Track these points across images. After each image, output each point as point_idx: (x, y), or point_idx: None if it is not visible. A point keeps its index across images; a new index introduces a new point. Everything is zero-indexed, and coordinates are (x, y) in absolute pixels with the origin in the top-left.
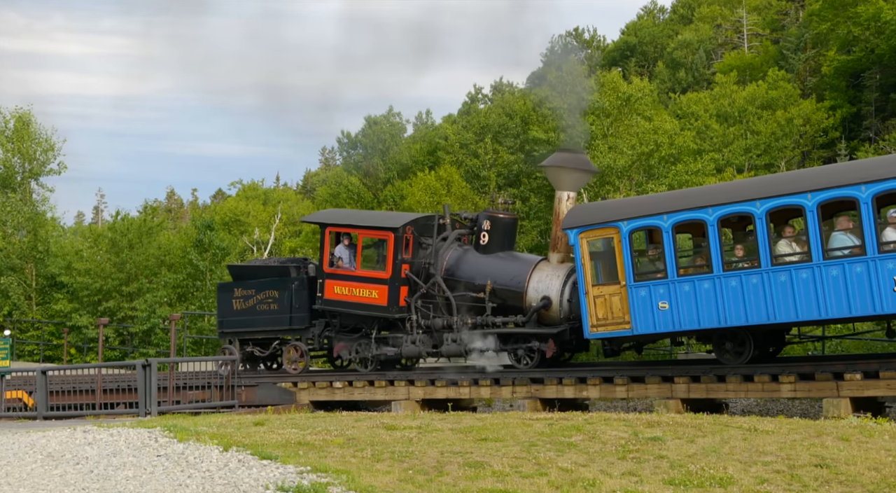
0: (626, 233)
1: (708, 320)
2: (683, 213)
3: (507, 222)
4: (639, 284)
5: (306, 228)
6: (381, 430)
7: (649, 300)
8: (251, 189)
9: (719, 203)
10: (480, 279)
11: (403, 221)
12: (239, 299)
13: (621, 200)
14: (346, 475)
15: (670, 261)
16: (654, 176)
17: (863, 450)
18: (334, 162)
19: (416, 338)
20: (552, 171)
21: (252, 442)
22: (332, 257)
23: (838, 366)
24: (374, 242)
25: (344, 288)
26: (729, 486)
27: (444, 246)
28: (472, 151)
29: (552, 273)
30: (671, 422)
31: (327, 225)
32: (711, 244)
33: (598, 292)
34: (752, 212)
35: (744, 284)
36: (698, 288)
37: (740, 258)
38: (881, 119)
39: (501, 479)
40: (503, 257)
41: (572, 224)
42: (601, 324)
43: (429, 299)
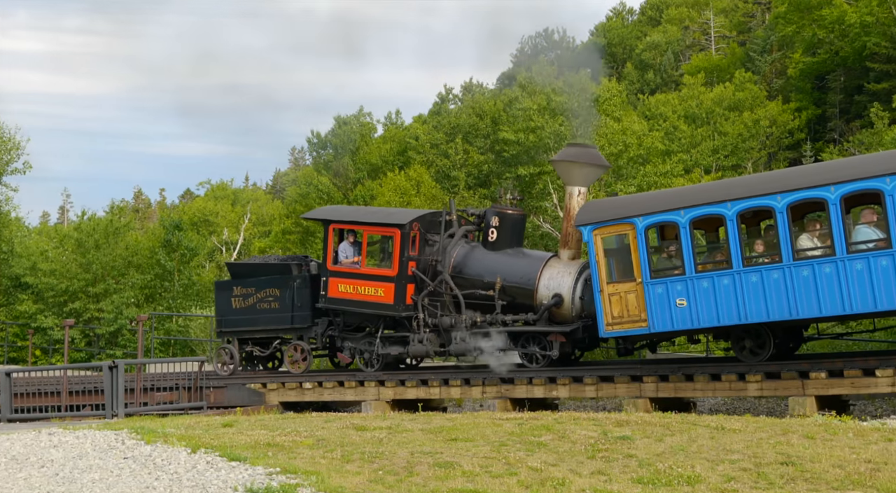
0: (641, 229)
1: (728, 317)
2: (701, 208)
3: (516, 218)
4: (655, 281)
5: (276, 227)
6: (351, 431)
7: (666, 297)
8: (220, 189)
9: (739, 197)
10: (489, 277)
11: (410, 217)
12: (238, 298)
13: (637, 196)
14: (315, 475)
15: (688, 257)
16: (622, 177)
17: (827, 448)
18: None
19: (423, 337)
20: (562, 165)
21: (221, 444)
22: (335, 255)
23: (804, 365)
24: (379, 238)
25: (348, 286)
26: (697, 484)
27: (451, 243)
28: (443, 152)
29: (563, 270)
30: (640, 421)
31: (331, 222)
32: (731, 239)
33: (612, 289)
34: (772, 206)
35: (765, 279)
36: (717, 284)
37: (760, 253)
38: (845, 121)
39: (471, 479)
40: (512, 253)
41: (586, 221)
42: (617, 322)
43: (436, 297)
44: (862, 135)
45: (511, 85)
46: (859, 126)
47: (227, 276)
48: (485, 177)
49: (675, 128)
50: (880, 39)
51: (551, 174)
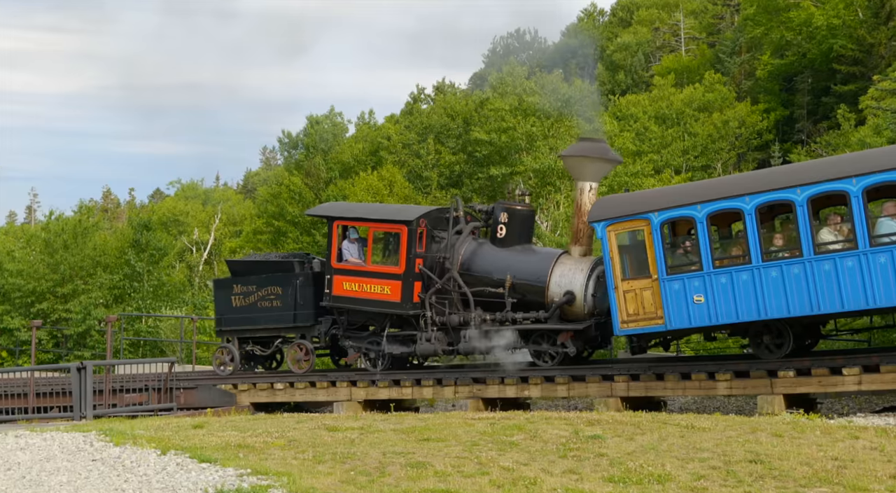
0: (657, 225)
1: (747, 313)
2: (719, 202)
3: (525, 215)
4: (672, 277)
5: (247, 227)
6: (322, 431)
7: (683, 294)
8: (190, 189)
9: (757, 191)
10: (499, 274)
11: (417, 213)
12: (238, 296)
13: (652, 191)
14: (286, 476)
15: (705, 253)
16: None
17: (795, 445)
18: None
19: (430, 335)
20: (572, 161)
21: (191, 445)
22: (339, 252)
23: (772, 364)
24: (385, 235)
25: (354, 284)
26: (667, 482)
27: (459, 240)
28: (415, 152)
29: (575, 267)
30: (611, 420)
31: (335, 218)
32: (749, 234)
33: (627, 286)
34: (792, 199)
35: (785, 274)
36: (736, 280)
37: (779, 248)
38: (812, 122)
39: (443, 479)
40: (521, 250)
41: (599, 217)
42: (632, 320)
43: (443, 294)
44: (829, 136)
45: (483, 85)
46: (826, 127)
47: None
48: (457, 177)
49: (645, 129)
50: (846, 42)
51: (523, 174)
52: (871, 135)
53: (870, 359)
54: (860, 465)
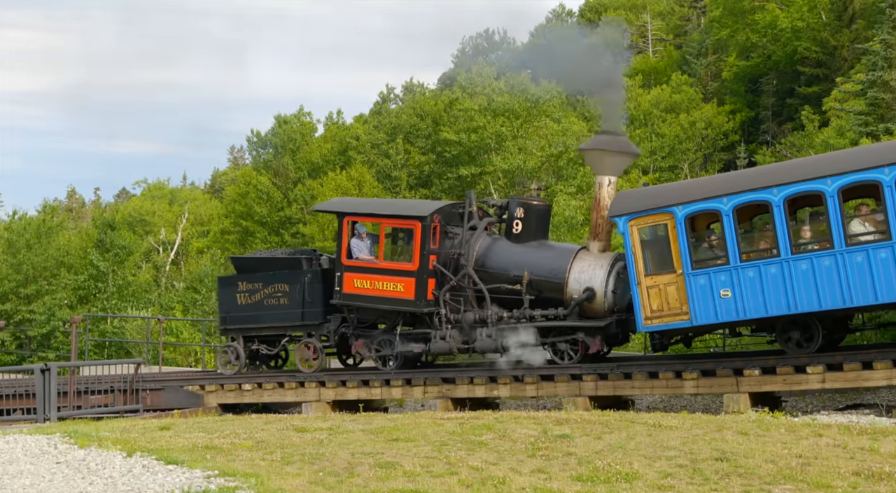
0: (681, 218)
1: (776, 307)
2: (746, 194)
3: (542, 210)
4: (697, 271)
5: (214, 227)
6: (291, 432)
7: (709, 289)
8: (157, 188)
9: (786, 182)
10: (516, 270)
11: (431, 209)
12: (244, 294)
13: (675, 184)
14: (254, 478)
15: (732, 246)
16: (562, 177)
17: (760, 443)
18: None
19: (445, 333)
20: (592, 154)
21: (157, 447)
22: (350, 249)
23: (738, 362)
24: (396, 231)
25: (365, 281)
26: (634, 481)
27: (473, 235)
28: (384, 152)
29: (594, 263)
30: (579, 419)
31: (345, 214)
32: (778, 226)
33: (651, 282)
34: (823, 190)
35: (815, 267)
36: (764, 274)
37: (809, 240)
38: (777, 123)
39: (412, 479)
40: (538, 246)
41: (621, 211)
42: (656, 316)
43: (458, 291)
44: (793, 137)
45: (452, 86)
46: (791, 128)
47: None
48: (426, 177)
49: None
50: (810, 44)
51: (492, 175)
52: (834, 136)
53: (833, 357)
54: (824, 462)
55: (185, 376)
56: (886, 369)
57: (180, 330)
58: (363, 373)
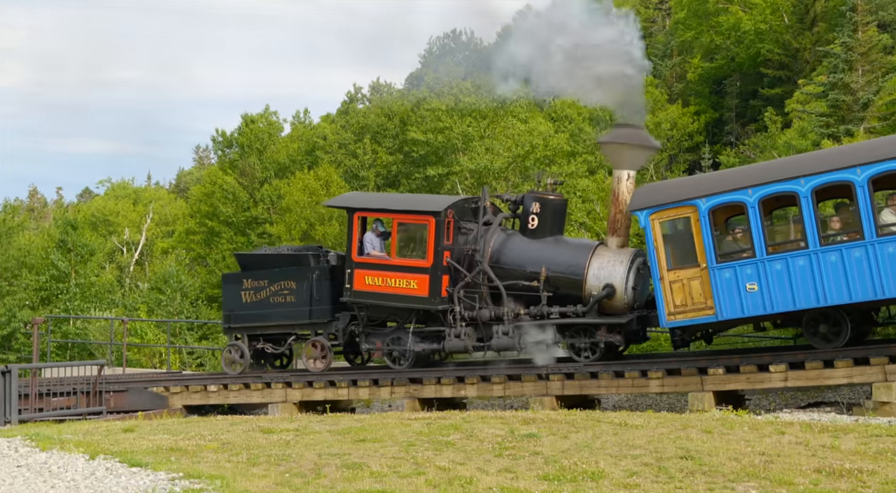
0: (704, 211)
1: (804, 300)
2: (772, 186)
3: (558, 205)
4: (722, 265)
5: (179, 227)
6: (257, 433)
7: (735, 282)
8: (121, 188)
9: (814, 173)
10: (532, 267)
11: (445, 204)
12: (249, 291)
13: (697, 177)
14: (220, 480)
15: (758, 239)
16: (529, 177)
17: (724, 441)
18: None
19: (460, 331)
20: (610, 148)
21: (121, 449)
22: (360, 245)
23: (702, 361)
24: (410, 227)
25: (377, 278)
26: (600, 479)
27: (488, 231)
28: (351, 152)
29: (614, 259)
30: (546, 419)
31: (356, 209)
32: (806, 218)
33: (674, 276)
34: (852, 180)
35: (845, 258)
36: (792, 266)
37: (837, 232)
38: (741, 124)
39: (379, 479)
40: (554, 241)
41: (642, 205)
42: (680, 311)
43: (472, 288)
44: (757, 138)
45: (419, 86)
46: (754, 130)
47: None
48: (393, 177)
49: (580, 129)
50: (773, 46)
51: (459, 175)
52: (796, 137)
53: (795, 356)
54: (786, 459)
55: (149, 377)
56: (847, 367)
57: (145, 331)
58: (330, 374)
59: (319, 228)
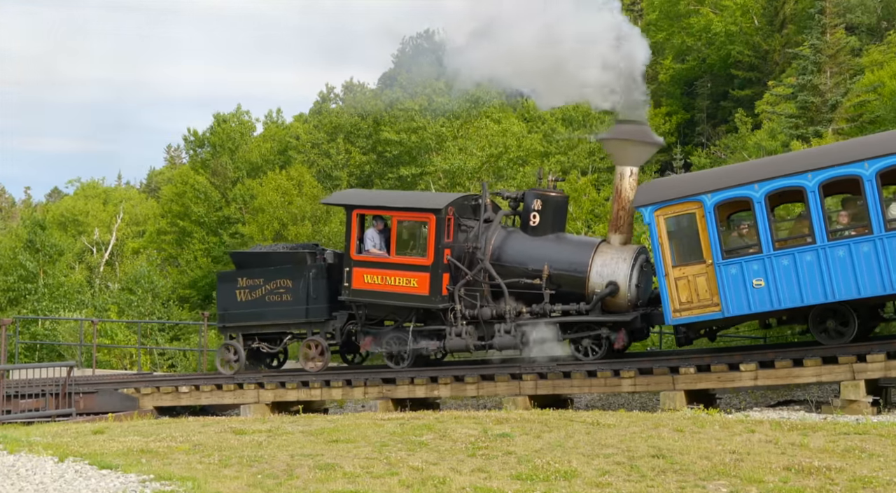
0: (710, 207)
1: (812, 296)
2: (778, 180)
3: (560, 202)
4: (728, 261)
5: (150, 227)
6: (229, 435)
7: (741, 278)
8: (90, 188)
9: (821, 167)
10: (534, 264)
11: (446, 201)
12: (244, 290)
13: (703, 172)
14: (191, 482)
15: (764, 234)
16: (503, 177)
17: (695, 440)
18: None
19: (461, 330)
20: (613, 144)
21: (90, 451)
22: (359, 243)
23: (674, 360)
24: (409, 225)
25: (376, 277)
26: (573, 479)
27: (489, 228)
28: (324, 151)
29: (617, 256)
30: (519, 418)
31: (354, 207)
32: (813, 213)
33: (679, 273)
34: (860, 174)
35: (853, 253)
36: (799, 261)
37: (845, 226)
38: (712, 125)
39: (352, 480)
40: (556, 239)
41: (647, 201)
42: (685, 308)
43: (473, 286)
44: (727, 139)
45: (392, 85)
46: (725, 130)
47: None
48: (367, 177)
49: (553, 130)
50: (744, 48)
51: (433, 175)
52: (766, 138)
53: (765, 355)
54: (756, 458)
55: (119, 378)
56: (816, 366)
57: (115, 332)
58: (303, 374)
59: (292, 228)
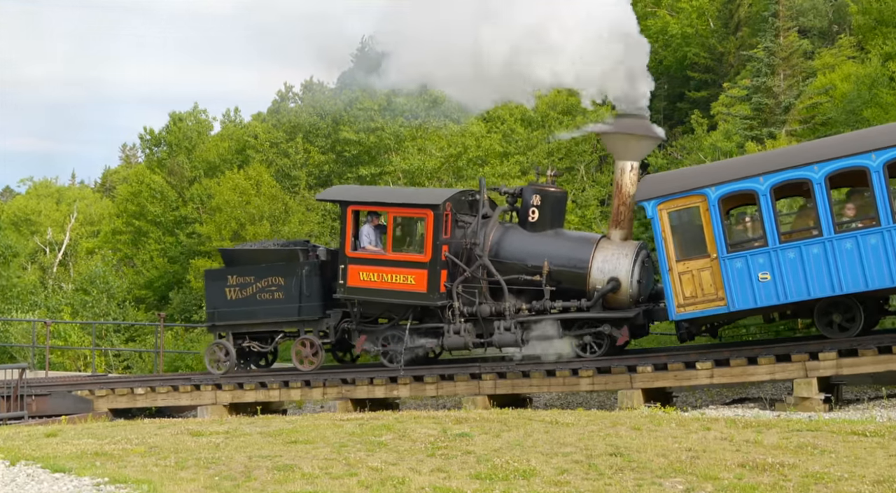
0: (714, 200)
1: (819, 289)
2: (784, 173)
3: (559, 197)
4: (733, 255)
5: (105, 227)
6: (185, 436)
7: (747, 272)
8: (43, 187)
9: (826, 159)
10: (534, 260)
11: (443, 196)
12: (234, 288)
13: (706, 166)
14: (146, 484)
15: (770, 227)
16: (462, 178)
17: (652, 438)
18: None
19: (459, 328)
20: (612, 138)
21: (43, 455)
22: (355, 240)
23: (632, 359)
24: (406, 221)
25: (372, 274)
26: (532, 478)
27: (487, 224)
28: (283, 151)
29: (618, 252)
30: (478, 418)
31: (349, 203)
32: (819, 205)
33: (683, 267)
34: (867, 166)
35: (861, 245)
36: (806, 254)
37: (852, 218)
38: (668, 127)
39: (311, 481)
40: (555, 235)
41: (649, 195)
42: (689, 303)
43: (471, 283)
44: (684, 140)
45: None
46: (681, 132)
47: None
48: (326, 177)
49: (512, 130)
50: (699, 50)
51: (392, 175)
52: (721, 139)
53: (721, 354)
54: (711, 455)
55: (73, 380)
56: (770, 364)
57: (69, 333)
58: (261, 375)
59: (250, 228)
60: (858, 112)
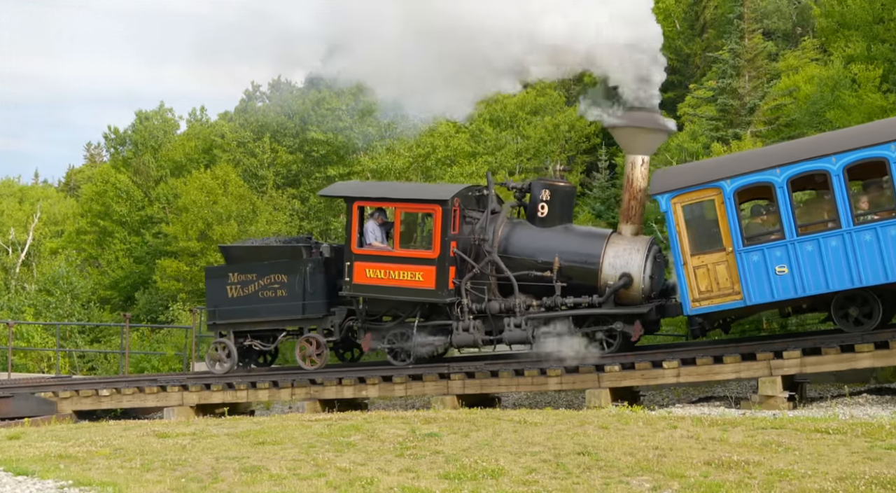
0: (729, 193)
1: (838, 282)
2: (802, 164)
3: (568, 192)
4: (750, 248)
5: (69, 227)
6: (151, 438)
7: (764, 265)
8: (5, 186)
9: (845, 150)
10: (544, 256)
11: (451, 192)
12: (235, 285)
13: (721, 158)
14: (111, 487)
15: (787, 220)
16: (431, 177)
17: (620, 437)
18: (101, 158)
19: (468, 325)
20: (623, 132)
21: (5, 458)
22: (360, 236)
23: (599, 359)
24: (414, 217)
25: (379, 271)
26: (500, 477)
27: (496, 220)
28: (250, 150)
29: (630, 247)
30: (447, 418)
31: (355, 199)
32: (838, 197)
33: (698, 262)
34: (886, 156)
35: (880, 237)
36: (824, 247)
37: (869, 210)
38: None
39: (279, 482)
40: (564, 230)
41: (663, 188)
42: (704, 297)
43: (480, 280)
44: None
45: (319, 85)
46: None
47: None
48: (294, 176)
49: (480, 130)
50: (666, 51)
51: (360, 175)
52: (688, 140)
53: (687, 352)
54: (678, 453)
55: (36, 382)
56: (735, 362)
57: (32, 335)
58: (228, 376)
59: (217, 227)
60: (821, 114)
